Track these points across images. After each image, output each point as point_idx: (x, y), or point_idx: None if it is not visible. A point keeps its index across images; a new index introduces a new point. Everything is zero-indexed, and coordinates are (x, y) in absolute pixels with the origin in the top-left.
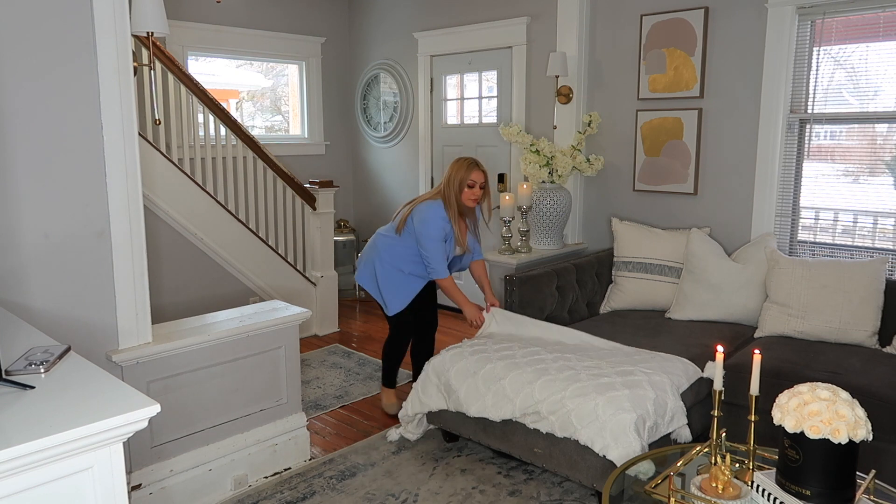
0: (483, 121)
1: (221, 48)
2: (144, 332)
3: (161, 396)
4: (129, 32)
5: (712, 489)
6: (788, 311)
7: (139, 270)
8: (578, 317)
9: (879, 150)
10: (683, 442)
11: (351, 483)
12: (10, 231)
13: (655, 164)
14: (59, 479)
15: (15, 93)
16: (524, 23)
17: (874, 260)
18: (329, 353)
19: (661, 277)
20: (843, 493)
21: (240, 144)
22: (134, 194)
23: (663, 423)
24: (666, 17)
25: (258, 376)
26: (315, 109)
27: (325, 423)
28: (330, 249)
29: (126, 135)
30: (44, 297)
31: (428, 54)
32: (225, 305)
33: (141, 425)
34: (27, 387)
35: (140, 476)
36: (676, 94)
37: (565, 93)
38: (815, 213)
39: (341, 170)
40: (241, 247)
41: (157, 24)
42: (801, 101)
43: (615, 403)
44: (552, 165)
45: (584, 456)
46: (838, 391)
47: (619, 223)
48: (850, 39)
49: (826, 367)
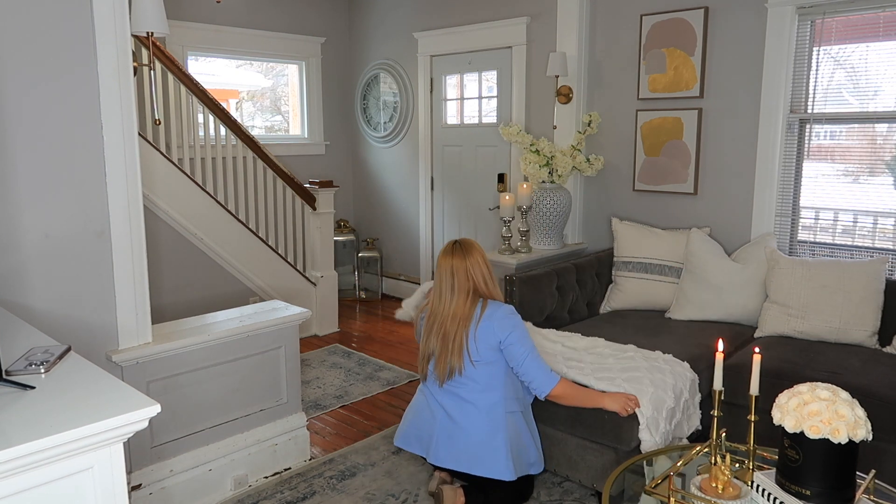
0: (483, 121)
1: (221, 48)
2: (144, 332)
3: (161, 396)
4: (128, 32)
5: (712, 489)
6: (788, 311)
7: (139, 270)
8: (578, 317)
9: (879, 150)
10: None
11: (351, 483)
12: (10, 231)
13: (655, 164)
14: (59, 480)
15: (15, 93)
16: (524, 23)
17: (874, 260)
18: (329, 353)
19: (661, 277)
20: (843, 493)
21: (240, 144)
22: (134, 194)
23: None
24: (666, 17)
25: (258, 376)
26: (315, 109)
27: (325, 423)
28: (330, 249)
29: (126, 135)
30: (44, 297)
31: (428, 54)
32: (225, 305)
33: (141, 425)
34: (27, 387)
35: (140, 476)
36: (676, 94)
37: (565, 93)
38: (815, 213)
39: (341, 170)
40: (241, 247)
41: (157, 24)
42: (801, 101)
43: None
44: (552, 165)
45: (584, 456)
46: (838, 391)
47: (619, 223)
48: (850, 39)
49: (826, 367)
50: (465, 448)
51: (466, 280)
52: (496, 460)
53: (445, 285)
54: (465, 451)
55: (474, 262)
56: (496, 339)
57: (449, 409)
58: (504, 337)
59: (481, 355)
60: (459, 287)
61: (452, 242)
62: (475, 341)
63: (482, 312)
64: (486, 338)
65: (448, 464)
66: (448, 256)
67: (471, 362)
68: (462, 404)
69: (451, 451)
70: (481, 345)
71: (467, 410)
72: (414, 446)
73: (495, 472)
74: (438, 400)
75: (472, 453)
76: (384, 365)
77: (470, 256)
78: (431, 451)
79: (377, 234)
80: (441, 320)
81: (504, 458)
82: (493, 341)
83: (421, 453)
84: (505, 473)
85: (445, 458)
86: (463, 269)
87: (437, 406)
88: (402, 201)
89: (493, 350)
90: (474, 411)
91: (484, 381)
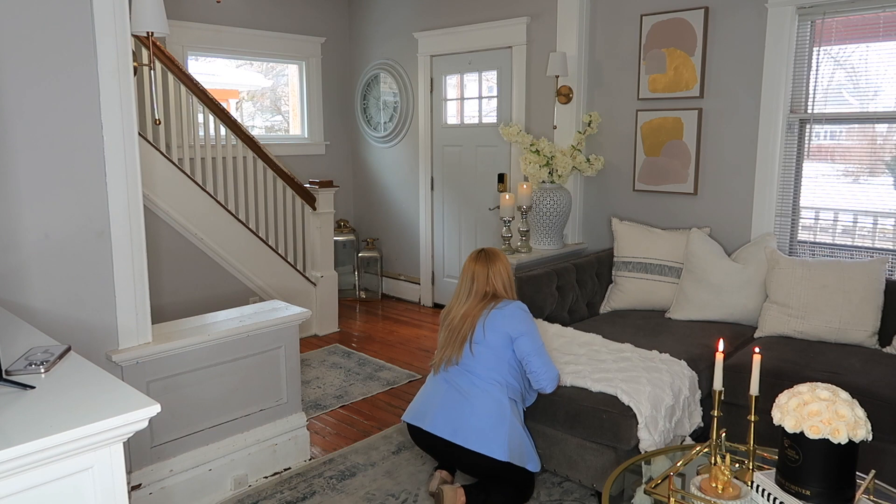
0: (483, 121)
1: (221, 48)
2: (144, 332)
3: (161, 396)
4: (129, 32)
5: (712, 489)
6: (788, 311)
7: (139, 270)
8: (578, 317)
9: (879, 150)
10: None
11: (351, 483)
12: (10, 231)
13: (655, 164)
14: (59, 479)
15: (16, 94)
16: (524, 23)
17: (874, 260)
18: (329, 353)
19: (661, 277)
20: (843, 493)
21: (240, 144)
22: (134, 194)
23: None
24: (666, 17)
25: (258, 376)
26: (315, 109)
27: (325, 423)
28: (330, 249)
29: (126, 135)
30: (44, 296)
31: (428, 54)
32: (225, 305)
33: (141, 425)
34: (27, 387)
35: (140, 476)
36: (676, 94)
37: (565, 93)
38: (815, 213)
39: (341, 170)
40: (241, 247)
41: (157, 24)
42: (801, 101)
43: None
44: (552, 165)
45: (584, 456)
46: (838, 391)
47: (619, 223)
48: (850, 39)
49: (826, 368)
50: (466, 422)
51: (486, 285)
52: (493, 439)
53: (464, 288)
54: (466, 425)
55: (496, 271)
56: (506, 328)
57: (462, 387)
58: (513, 328)
59: (488, 341)
60: (476, 291)
61: (479, 250)
62: (483, 329)
63: (494, 306)
64: (494, 326)
65: (443, 432)
66: (472, 262)
67: (471, 351)
68: (476, 383)
69: (449, 420)
70: (489, 332)
71: (480, 390)
72: (418, 419)
73: (491, 449)
74: (452, 379)
75: (473, 427)
76: (384, 365)
77: (493, 264)
78: (429, 419)
79: (377, 234)
80: (452, 316)
81: (503, 439)
82: (503, 330)
83: (419, 423)
84: (499, 452)
85: (442, 427)
86: (484, 275)
87: (450, 385)
88: (402, 201)
89: (503, 338)
90: (485, 391)
91: (492, 365)
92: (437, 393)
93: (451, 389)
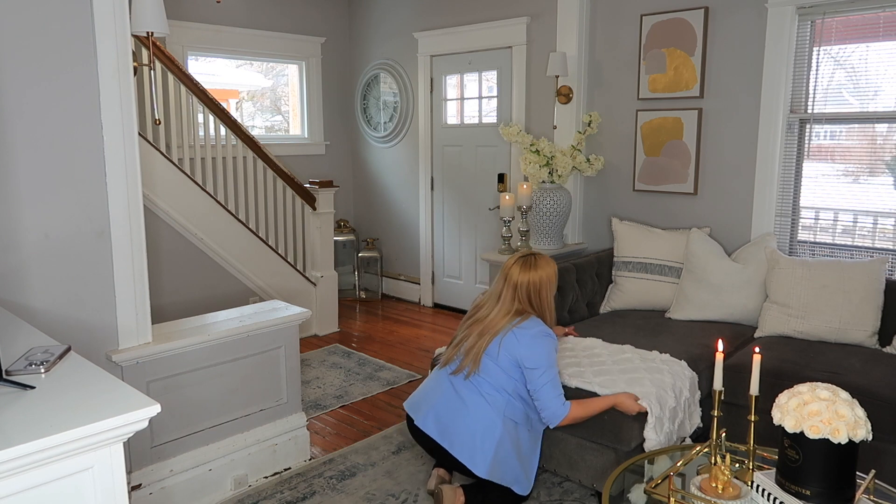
0: (483, 121)
1: (221, 48)
2: (144, 332)
3: (161, 396)
4: (129, 32)
5: (712, 489)
6: (788, 311)
7: (139, 270)
8: (578, 317)
9: (879, 150)
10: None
11: (351, 483)
12: (10, 231)
13: (655, 164)
14: (59, 480)
15: (16, 94)
16: (524, 23)
17: (874, 260)
18: (329, 353)
19: (661, 277)
20: (843, 493)
21: (240, 144)
22: (134, 194)
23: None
24: (666, 17)
25: (258, 376)
26: (315, 109)
27: (325, 423)
28: (330, 249)
29: (126, 135)
30: (44, 296)
31: (428, 54)
32: (225, 305)
33: (141, 425)
34: (27, 387)
35: (140, 476)
36: (676, 94)
37: (565, 93)
38: (815, 213)
39: (341, 170)
40: (240, 247)
41: (157, 24)
42: (801, 101)
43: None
44: (552, 165)
45: (584, 456)
46: (838, 391)
47: (619, 223)
48: (850, 39)
49: (826, 367)
50: (456, 427)
51: (515, 290)
52: (477, 452)
53: (496, 289)
54: (455, 430)
55: (535, 280)
56: (519, 356)
57: (463, 393)
58: (527, 358)
59: (500, 359)
60: (505, 297)
61: (527, 254)
62: (498, 345)
63: (518, 323)
64: (509, 346)
65: (432, 432)
66: (511, 263)
67: (479, 370)
68: (477, 394)
69: (440, 422)
70: (503, 350)
71: (479, 402)
72: (413, 409)
73: (473, 461)
74: (456, 382)
75: (461, 434)
76: (384, 365)
77: (534, 272)
78: (422, 414)
79: (377, 234)
80: (476, 318)
81: (487, 455)
82: (514, 355)
83: (412, 414)
84: (480, 468)
85: (432, 427)
86: (514, 285)
87: (452, 387)
88: (402, 201)
89: (514, 362)
90: (484, 404)
91: (499, 381)
92: (437, 391)
93: (451, 392)
